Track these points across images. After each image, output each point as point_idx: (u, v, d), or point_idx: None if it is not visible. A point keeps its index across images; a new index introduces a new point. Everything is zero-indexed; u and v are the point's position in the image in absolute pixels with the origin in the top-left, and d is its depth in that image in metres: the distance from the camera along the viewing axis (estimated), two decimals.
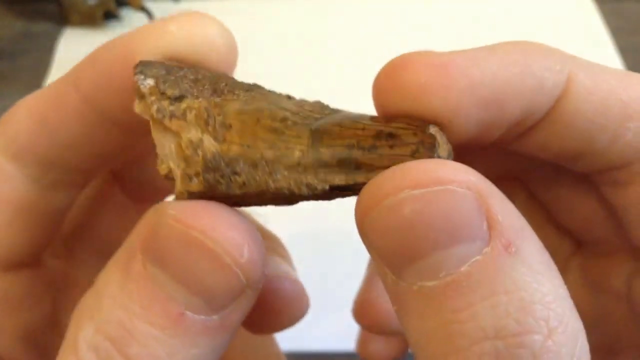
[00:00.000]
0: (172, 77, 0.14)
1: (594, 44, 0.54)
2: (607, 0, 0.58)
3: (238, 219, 0.13)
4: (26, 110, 0.16)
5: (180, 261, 0.12)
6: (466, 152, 0.15)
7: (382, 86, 0.14)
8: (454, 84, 0.13)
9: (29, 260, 0.17)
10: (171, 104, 0.14)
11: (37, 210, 0.16)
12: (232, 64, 0.15)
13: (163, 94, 0.14)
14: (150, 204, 0.20)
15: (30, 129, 0.15)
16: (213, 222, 0.13)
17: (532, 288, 0.11)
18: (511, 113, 0.14)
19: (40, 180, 0.16)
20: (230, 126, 0.14)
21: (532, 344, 0.11)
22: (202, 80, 0.14)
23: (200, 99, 0.14)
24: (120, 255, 0.14)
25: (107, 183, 0.20)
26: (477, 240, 0.11)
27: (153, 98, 0.14)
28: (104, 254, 0.20)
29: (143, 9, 0.53)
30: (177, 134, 0.13)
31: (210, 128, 0.14)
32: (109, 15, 0.55)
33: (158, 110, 0.14)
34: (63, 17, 0.55)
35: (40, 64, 0.52)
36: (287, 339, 0.26)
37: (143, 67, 0.14)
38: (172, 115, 0.14)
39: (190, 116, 0.14)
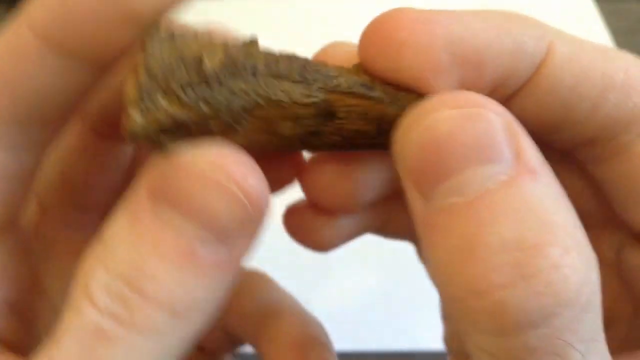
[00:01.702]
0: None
1: None
2: (607, 0, 0.58)
3: (239, 152, 0.14)
4: None
5: (187, 196, 0.13)
6: None
7: (366, 41, 0.14)
8: (435, 40, 0.13)
9: (3, 226, 0.16)
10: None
11: (6, 174, 0.15)
12: None
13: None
14: (120, 141, 0.19)
15: None
16: (217, 156, 0.13)
17: (552, 210, 0.12)
18: (490, 73, 0.14)
19: (6, 143, 0.15)
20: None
21: (552, 255, 0.11)
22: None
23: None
24: (126, 204, 0.14)
25: (75, 131, 0.19)
26: (505, 162, 0.12)
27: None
28: (82, 204, 0.20)
29: None
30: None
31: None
32: None
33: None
34: None
35: None
36: None
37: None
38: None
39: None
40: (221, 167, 0.13)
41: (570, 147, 0.16)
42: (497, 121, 0.12)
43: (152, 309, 0.13)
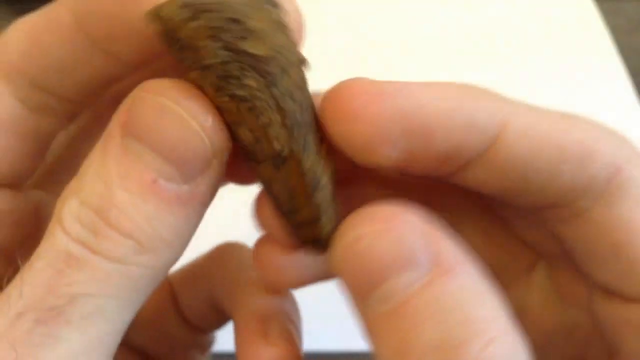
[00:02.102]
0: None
1: (594, 44, 0.54)
2: (607, 0, 0.58)
3: (201, 94, 0.14)
4: (20, 31, 0.16)
5: (152, 128, 0.14)
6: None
7: (324, 109, 0.15)
8: (383, 113, 0.14)
9: (12, 182, 0.17)
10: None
11: (24, 131, 0.16)
12: None
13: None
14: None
15: (22, 50, 0.16)
16: (180, 93, 0.14)
17: (471, 304, 0.13)
18: (440, 146, 0.15)
19: (29, 102, 0.16)
20: None
21: (472, 351, 0.12)
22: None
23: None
24: (100, 141, 0.15)
25: (96, 119, 0.20)
26: (421, 267, 0.13)
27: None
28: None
29: None
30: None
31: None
32: None
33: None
34: None
35: None
36: None
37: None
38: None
39: None
40: (183, 104, 0.14)
41: (533, 208, 0.17)
42: (410, 231, 0.14)
43: (117, 238, 0.14)
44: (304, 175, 0.15)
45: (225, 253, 0.23)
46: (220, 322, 0.25)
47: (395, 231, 0.14)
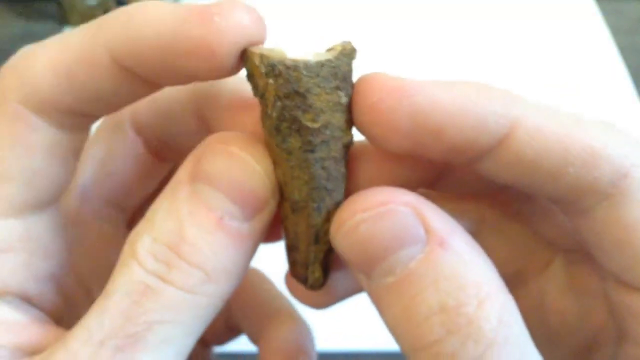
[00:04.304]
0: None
1: (594, 44, 0.54)
2: (607, 0, 0.58)
3: (258, 142, 0.17)
4: (48, 63, 0.16)
5: (221, 173, 0.16)
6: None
7: (353, 97, 0.17)
8: (399, 108, 0.15)
9: (51, 201, 0.18)
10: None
11: (60, 152, 0.17)
12: None
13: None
14: (171, 163, 0.22)
15: (54, 83, 0.16)
16: (246, 142, 0.16)
17: (463, 272, 0.15)
18: (449, 142, 0.16)
19: (63, 126, 0.17)
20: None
21: (466, 312, 0.14)
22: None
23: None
24: (168, 187, 0.16)
25: (128, 140, 0.21)
26: (418, 243, 0.15)
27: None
28: (118, 203, 0.22)
29: None
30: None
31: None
32: None
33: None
34: (63, 17, 0.55)
35: None
36: None
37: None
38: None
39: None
40: (250, 150, 0.16)
41: (545, 198, 0.18)
42: (404, 211, 0.15)
43: (187, 269, 0.15)
44: (309, 228, 0.17)
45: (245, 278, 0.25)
46: (229, 339, 0.26)
47: (390, 213, 0.15)
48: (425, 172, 0.18)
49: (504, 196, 0.20)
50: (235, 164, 0.16)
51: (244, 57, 0.16)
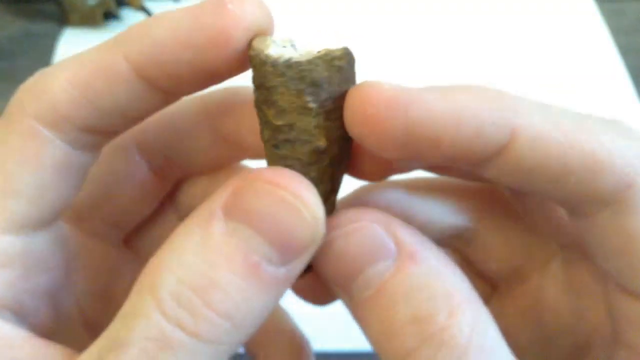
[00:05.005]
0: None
1: (593, 44, 0.54)
2: (608, 0, 0.58)
3: (311, 185, 0.16)
4: (66, 78, 0.16)
5: (265, 216, 0.15)
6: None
7: (346, 107, 0.16)
8: (395, 120, 0.15)
9: (53, 217, 0.18)
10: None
11: (70, 171, 0.17)
12: None
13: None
14: (172, 182, 0.22)
15: (71, 97, 0.16)
16: (295, 184, 0.15)
17: (433, 283, 0.15)
18: (446, 152, 0.15)
19: (76, 143, 0.17)
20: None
21: (438, 321, 0.15)
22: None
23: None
24: (198, 217, 0.15)
25: (135, 159, 0.21)
26: (389, 257, 0.16)
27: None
28: (114, 222, 0.22)
29: (143, 8, 0.53)
30: None
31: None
32: (109, 15, 0.55)
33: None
34: (63, 17, 0.55)
35: (40, 64, 0.51)
36: None
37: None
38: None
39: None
40: (300, 195, 0.15)
41: (548, 200, 0.18)
42: (374, 227, 0.16)
43: (215, 319, 0.14)
44: None
45: None
46: None
47: (362, 229, 0.16)
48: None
49: (503, 192, 0.20)
50: (284, 210, 0.15)
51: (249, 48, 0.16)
